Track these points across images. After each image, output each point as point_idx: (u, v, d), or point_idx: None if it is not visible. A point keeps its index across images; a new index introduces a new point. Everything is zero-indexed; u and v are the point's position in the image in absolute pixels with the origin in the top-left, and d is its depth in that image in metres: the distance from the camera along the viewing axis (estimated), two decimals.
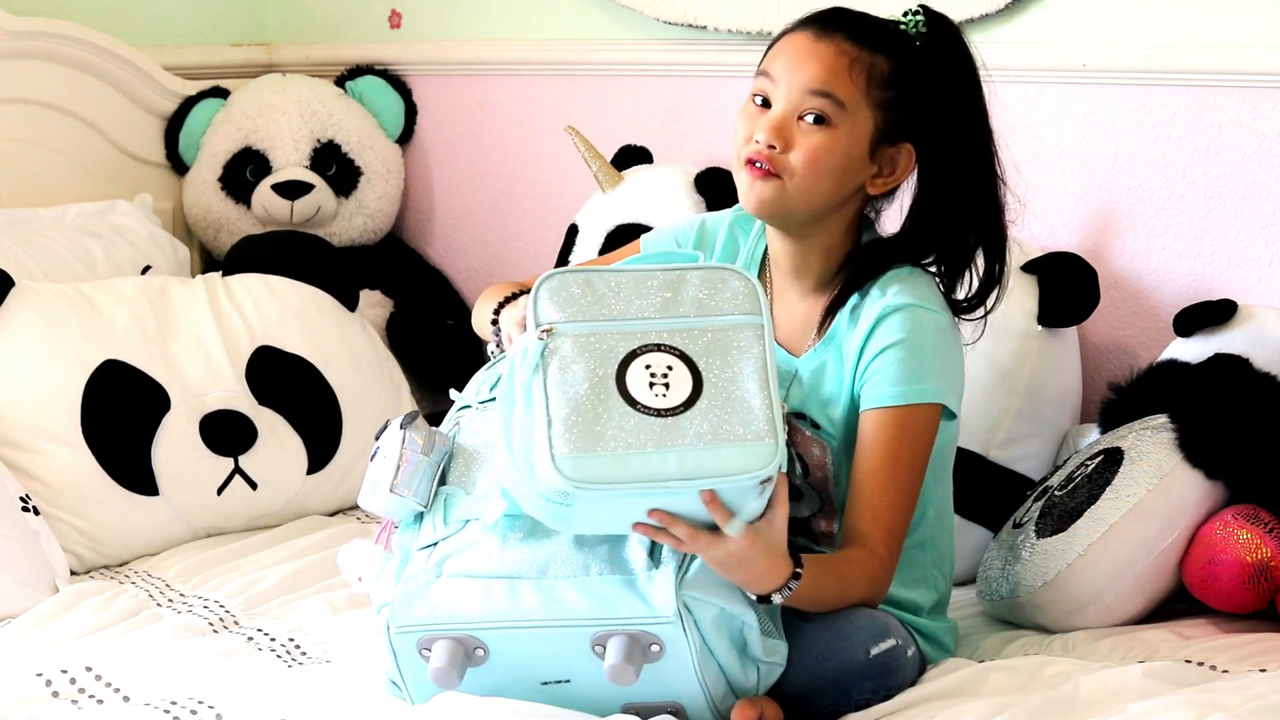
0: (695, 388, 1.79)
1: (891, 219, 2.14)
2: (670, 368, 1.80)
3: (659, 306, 1.83)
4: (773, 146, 2.00)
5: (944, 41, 2.05)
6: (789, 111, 2.01)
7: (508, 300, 2.09)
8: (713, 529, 1.79)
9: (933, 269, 2.10)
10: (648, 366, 1.80)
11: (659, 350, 1.81)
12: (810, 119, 2.00)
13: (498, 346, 2.08)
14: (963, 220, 2.07)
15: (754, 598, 1.87)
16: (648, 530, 1.80)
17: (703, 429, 1.76)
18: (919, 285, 2.05)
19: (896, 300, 2.02)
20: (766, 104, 2.03)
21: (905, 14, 2.06)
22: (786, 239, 2.10)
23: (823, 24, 2.03)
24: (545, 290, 1.85)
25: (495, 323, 2.08)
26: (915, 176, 2.08)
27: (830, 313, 2.07)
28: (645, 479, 1.74)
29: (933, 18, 2.06)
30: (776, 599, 1.87)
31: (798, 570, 1.86)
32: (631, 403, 1.77)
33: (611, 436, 1.75)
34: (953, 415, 2.06)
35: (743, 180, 2.03)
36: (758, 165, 2.01)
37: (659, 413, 1.77)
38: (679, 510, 1.78)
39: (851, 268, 2.07)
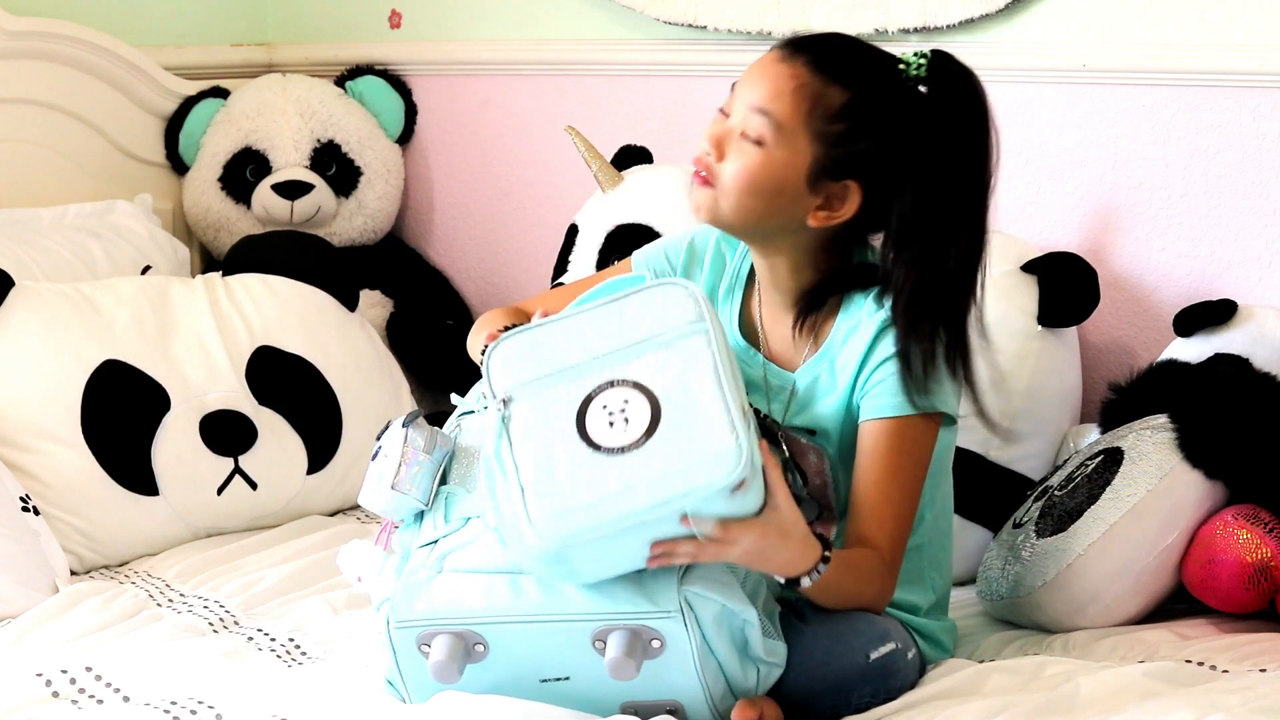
0: (654, 413, 1.82)
1: None
2: (627, 400, 1.84)
3: (605, 340, 1.88)
4: (709, 152, 2.00)
5: (951, 93, 1.98)
6: (735, 124, 2.00)
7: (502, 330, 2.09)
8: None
9: None
10: (604, 406, 1.84)
11: (612, 386, 1.85)
12: (751, 135, 1.98)
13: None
14: (930, 296, 1.98)
15: (783, 582, 1.88)
16: (660, 562, 1.81)
17: (666, 455, 1.79)
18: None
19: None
20: (727, 115, 2.02)
21: (915, 54, 1.99)
22: (756, 254, 2.10)
23: (794, 46, 2.00)
24: (496, 360, 1.90)
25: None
26: (895, 229, 2.00)
27: (802, 316, 2.05)
28: (621, 517, 1.77)
29: (944, 66, 1.99)
30: (806, 582, 1.88)
31: (827, 554, 1.88)
32: (595, 447, 1.81)
33: (581, 487, 1.79)
34: (953, 420, 2.06)
35: (690, 179, 2.04)
36: (697, 171, 2.02)
37: (622, 450, 1.80)
38: (676, 533, 1.80)
39: (829, 278, 2.05)
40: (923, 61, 1.98)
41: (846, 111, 1.97)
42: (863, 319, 2.03)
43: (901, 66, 1.99)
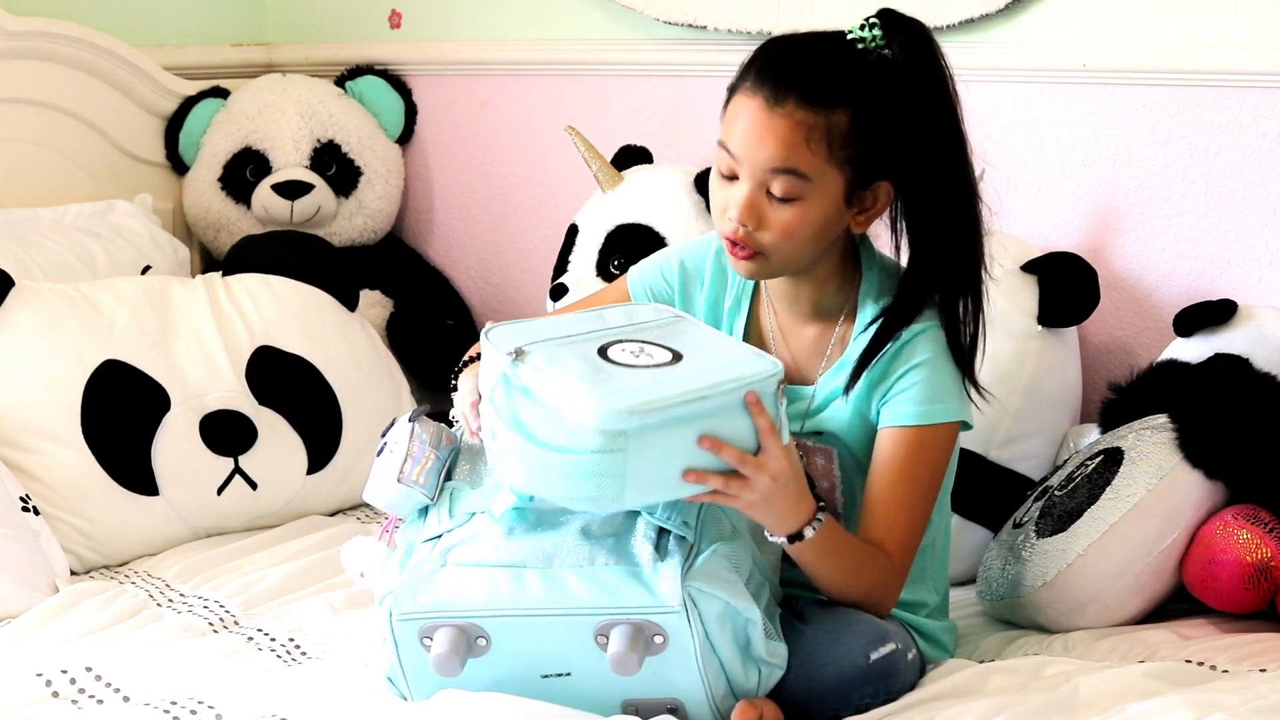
0: (674, 353, 1.87)
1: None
2: (643, 348, 1.87)
3: (597, 327, 1.93)
4: (745, 225, 1.96)
5: (906, 51, 1.95)
6: (756, 189, 1.95)
7: (465, 364, 2.10)
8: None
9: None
10: (624, 349, 1.87)
11: (622, 341, 1.89)
12: (778, 195, 1.95)
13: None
14: (948, 242, 2.01)
15: (784, 541, 1.89)
16: (698, 477, 1.80)
17: (702, 365, 1.84)
18: (933, 307, 2.05)
19: (917, 325, 2.02)
20: (734, 176, 1.97)
21: (862, 25, 1.96)
22: (782, 278, 2.09)
23: (773, 88, 1.93)
24: (495, 334, 1.90)
25: (454, 386, 2.09)
26: (901, 204, 2.03)
27: (868, 357, 2.01)
28: (682, 394, 1.77)
29: (893, 25, 1.96)
30: (809, 532, 1.88)
31: (821, 504, 1.89)
32: (628, 367, 1.84)
33: (629, 386, 1.79)
34: (968, 427, 2.06)
35: (727, 251, 2.01)
36: (736, 245, 1.98)
37: (655, 366, 1.83)
38: (726, 432, 1.81)
39: (889, 313, 2.02)
40: (877, 32, 1.95)
41: (856, 128, 1.94)
42: (885, 328, 2.03)
43: (860, 45, 1.96)
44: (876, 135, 1.95)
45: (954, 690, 1.97)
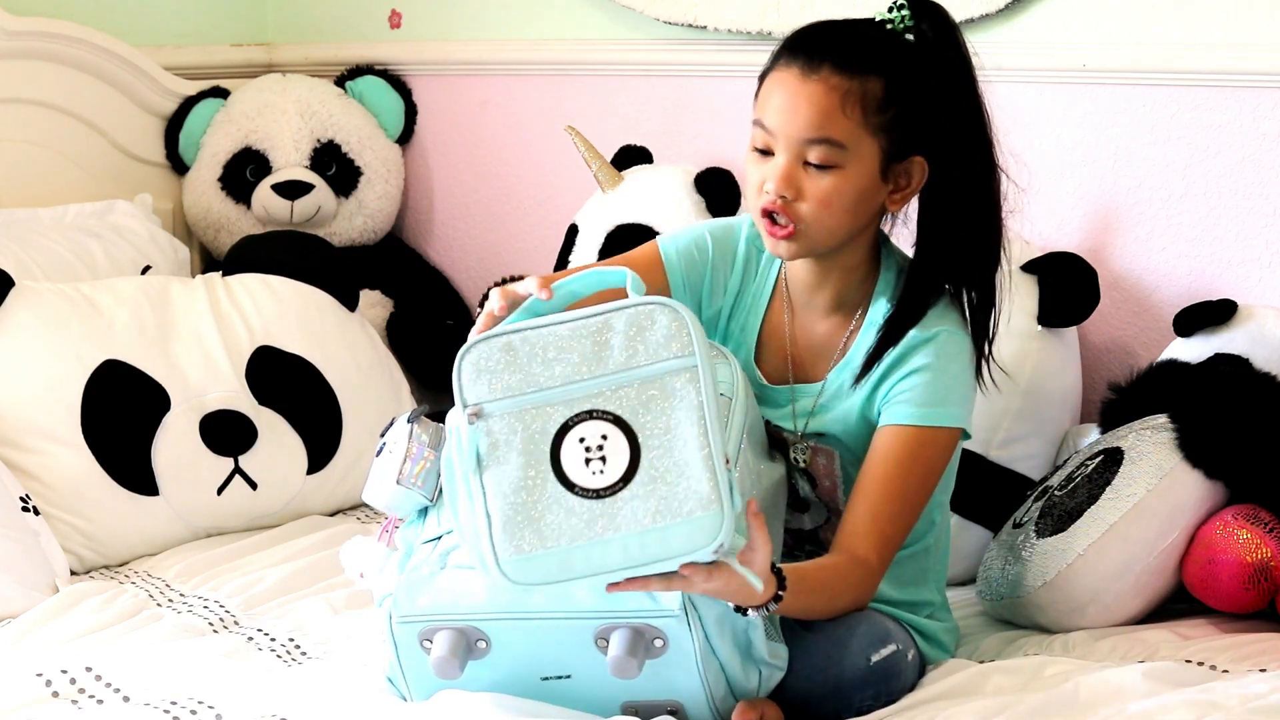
0: (633, 456, 1.71)
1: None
2: (605, 436, 1.72)
3: (587, 362, 1.74)
4: (784, 196, 1.97)
5: (934, 32, 1.99)
6: (793, 160, 1.96)
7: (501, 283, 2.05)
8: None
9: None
10: (581, 439, 1.72)
11: (591, 418, 1.73)
12: (815, 163, 1.96)
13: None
14: (963, 230, 2.02)
15: (732, 607, 1.84)
16: (621, 589, 1.73)
17: (644, 509, 1.68)
18: (945, 308, 2.05)
19: (927, 331, 2.01)
20: (770, 151, 1.98)
21: (890, 9, 2.00)
22: (814, 262, 2.07)
23: (807, 58, 1.96)
24: (468, 364, 1.76)
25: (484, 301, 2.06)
26: (929, 187, 2.03)
27: (877, 354, 2.02)
28: (591, 573, 1.70)
29: (921, 8, 2.00)
30: (753, 615, 1.82)
31: (780, 593, 1.81)
32: (569, 486, 1.70)
33: (552, 532, 1.69)
34: (967, 436, 2.06)
35: (764, 231, 2.01)
36: (774, 219, 1.98)
37: (597, 494, 1.70)
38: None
39: (898, 309, 2.02)
40: (906, 13, 2.00)
41: (890, 96, 1.96)
42: (893, 321, 2.02)
43: (889, 26, 2.00)
44: (909, 104, 1.97)
45: (954, 690, 1.97)
